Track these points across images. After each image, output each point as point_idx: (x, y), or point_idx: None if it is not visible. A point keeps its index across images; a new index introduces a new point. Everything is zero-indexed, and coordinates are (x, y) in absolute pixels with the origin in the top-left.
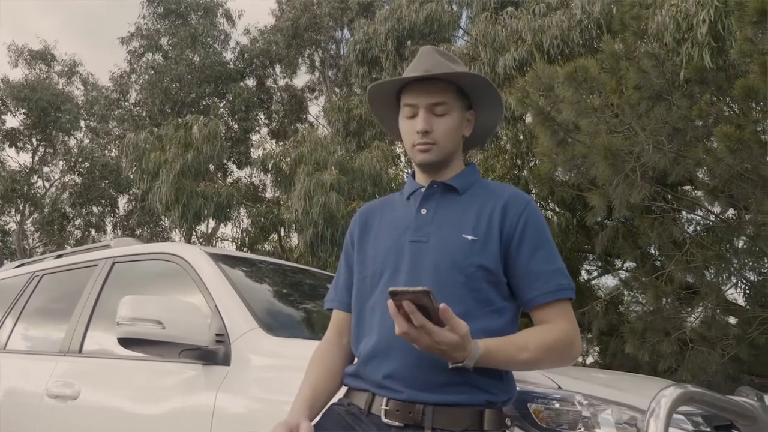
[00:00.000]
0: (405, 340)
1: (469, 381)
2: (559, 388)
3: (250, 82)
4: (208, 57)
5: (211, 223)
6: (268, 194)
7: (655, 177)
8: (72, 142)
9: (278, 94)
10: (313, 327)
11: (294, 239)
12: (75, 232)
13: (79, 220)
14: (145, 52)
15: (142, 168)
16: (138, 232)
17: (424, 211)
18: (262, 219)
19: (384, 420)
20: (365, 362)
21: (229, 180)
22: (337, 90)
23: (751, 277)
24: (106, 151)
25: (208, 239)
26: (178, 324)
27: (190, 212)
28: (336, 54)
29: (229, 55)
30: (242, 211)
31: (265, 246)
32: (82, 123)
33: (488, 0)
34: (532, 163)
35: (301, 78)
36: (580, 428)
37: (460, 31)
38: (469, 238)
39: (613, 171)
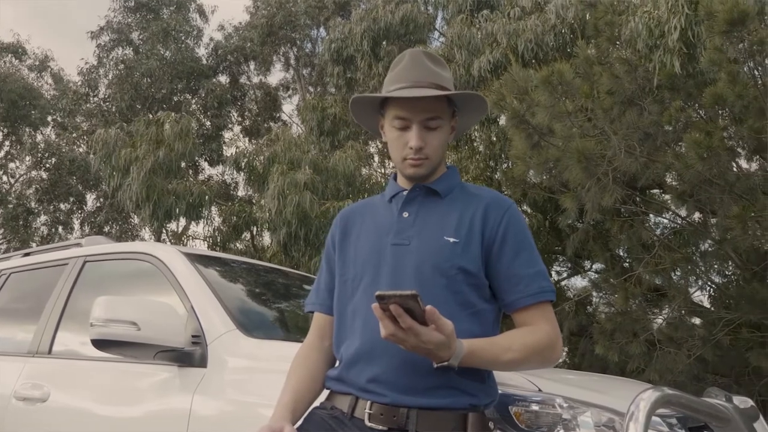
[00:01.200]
0: (389, 344)
1: (453, 384)
2: (540, 390)
3: (223, 79)
4: (180, 52)
5: (182, 222)
6: (240, 193)
7: (625, 181)
8: (39, 137)
9: (252, 91)
10: (291, 328)
11: (266, 238)
12: (41, 229)
13: (45, 216)
14: (114, 47)
15: (112, 165)
16: (106, 230)
17: (405, 215)
18: (234, 218)
19: (368, 424)
20: (348, 366)
21: (201, 177)
22: (312, 89)
23: (717, 280)
24: (75, 147)
25: (178, 238)
26: (154, 325)
27: (161, 210)
28: (311, 52)
29: (201, 51)
30: (214, 209)
31: (237, 245)
32: (50, 118)
33: (464, 2)
34: (505, 165)
35: (276, 76)
36: (560, 430)
37: (436, 33)
38: (451, 240)
39: (586, 174)
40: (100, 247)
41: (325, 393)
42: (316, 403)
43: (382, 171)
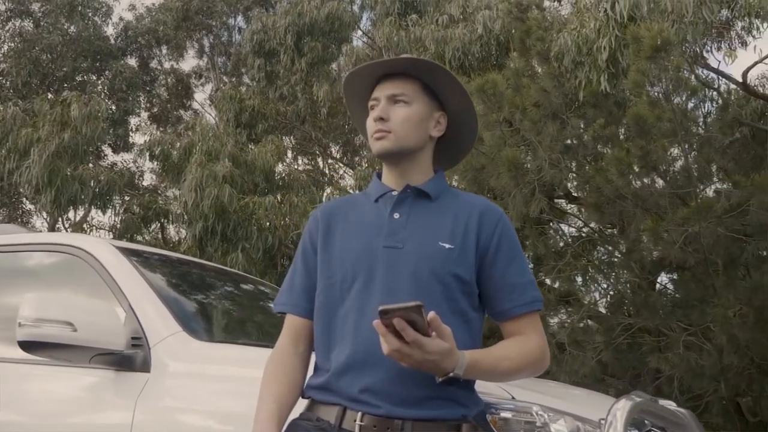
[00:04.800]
0: (381, 351)
1: (446, 395)
2: (513, 398)
3: (133, 62)
4: (86, 29)
5: (81, 210)
6: (146, 182)
7: (544, 190)
8: None
9: (163, 77)
10: (240, 331)
11: (171, 231)
12: None
13: None
14: (11, 17)
15: (8, 145)
16: None
17: (397, 216)
18: (138, 208)
19: None
20: (338, 375)
21: (104, 164)
22: (226, 79)
23: (620, 288)
24: None
25: (76, 227)
26: (92, 326)
27: (65, 197)
28: (228, 41)
29: (110, 30)
30: (118, 198)
31: (145, 237)
32: None
33: (392, 5)
34: None
35: (189, 62)
36: None
37: (359, 32)
38: (446, 246)
39: (513, 183)
40: (13, 237)
41: (302, 402)
42: (295, 413)
43: (296, 166)
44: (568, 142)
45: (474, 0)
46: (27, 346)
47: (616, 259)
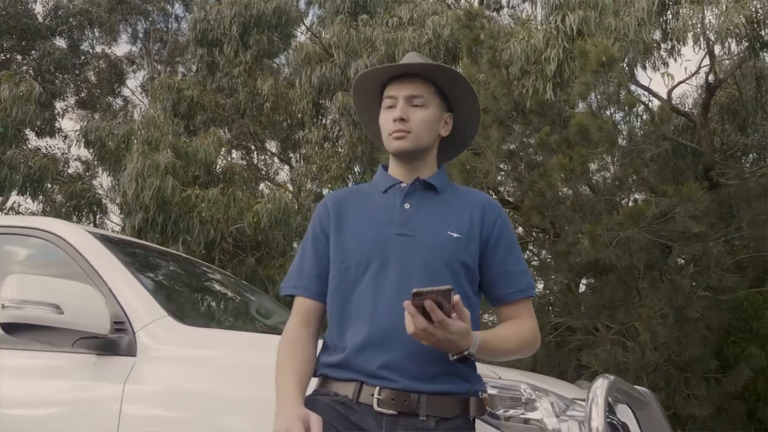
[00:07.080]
0: (401, 331)
1: (456, 372)
2: (499, 377)
3: (62, 43)
4: (12, 6)
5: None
6: (71, 170)
7: (491, 193)
8: None
9: (93, 61)
10: (221, 317)
11: (98, 219)
12: None
13: None
14: None
15: None
16: None
17: (407, 206)
18: (59, 196)
19: (376, 408)
20: (356, 352)
21: (27, 149)
22: (160, 67)
23: (552, 287)
24: None
25: None
26: (78, 309)
27: None
28: (164, 28)
29: (39, 8)
30: (50, 185)
31: None
32: None
33: (342, 3)
34: (366, 168)
35: (122, 47)
36: (524, 412)
37: (304, 28)
38: (454, 235)
39: (465, 185)
40: None
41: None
42: (309, 390)
43: (230, 159)
44: (512, 147)
45: (423, 5)
46: (9, 328)
47: (548, 262)
